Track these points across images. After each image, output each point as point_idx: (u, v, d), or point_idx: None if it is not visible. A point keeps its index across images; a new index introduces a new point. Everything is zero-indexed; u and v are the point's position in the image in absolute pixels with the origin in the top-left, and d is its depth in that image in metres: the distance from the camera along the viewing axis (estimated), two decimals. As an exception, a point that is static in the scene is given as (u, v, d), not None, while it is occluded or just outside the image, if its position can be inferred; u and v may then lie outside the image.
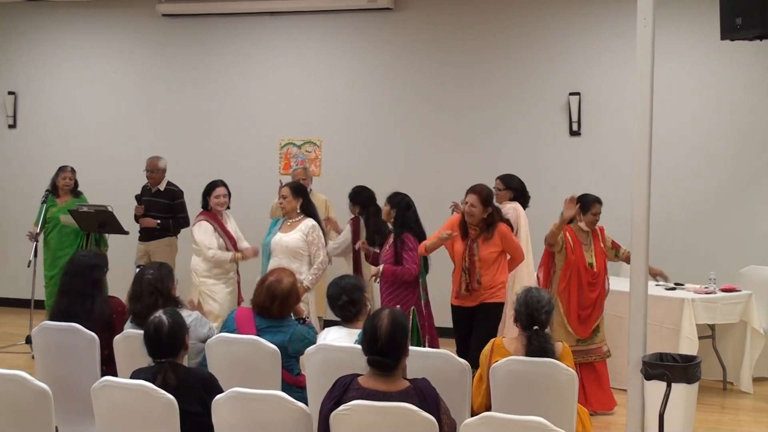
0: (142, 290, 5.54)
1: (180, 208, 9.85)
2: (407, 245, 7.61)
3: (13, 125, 12.29)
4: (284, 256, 7.69)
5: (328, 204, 9.61)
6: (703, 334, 8.13)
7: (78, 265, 6.00)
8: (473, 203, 7.20)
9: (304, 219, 7.83)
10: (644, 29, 5.82)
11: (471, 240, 7.26)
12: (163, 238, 9.78)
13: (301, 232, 7.73)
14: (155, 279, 5.55)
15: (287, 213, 7.88)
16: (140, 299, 5.52)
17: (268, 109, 11.34)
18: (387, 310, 4.23)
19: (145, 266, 5.86)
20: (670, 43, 9.45)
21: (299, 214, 7.86)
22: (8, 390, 4.40)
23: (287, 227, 7.83)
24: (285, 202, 7.85)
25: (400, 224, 7.74)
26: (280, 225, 7.91)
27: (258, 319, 5.55)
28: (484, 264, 7.19)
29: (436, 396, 4.10)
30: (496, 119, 10.56)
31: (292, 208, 7.83)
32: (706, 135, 9.93)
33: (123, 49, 11.93)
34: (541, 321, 5.24)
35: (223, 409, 4.23)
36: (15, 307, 11.63)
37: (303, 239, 7.71)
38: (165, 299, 5.47)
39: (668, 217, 9.47)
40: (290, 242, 7.70)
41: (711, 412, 7.70)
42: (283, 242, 7.72)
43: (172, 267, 5.80)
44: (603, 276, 7.76)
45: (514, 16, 10.53)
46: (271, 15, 11.28)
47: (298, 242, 7.69)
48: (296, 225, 7.79)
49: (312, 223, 7.79)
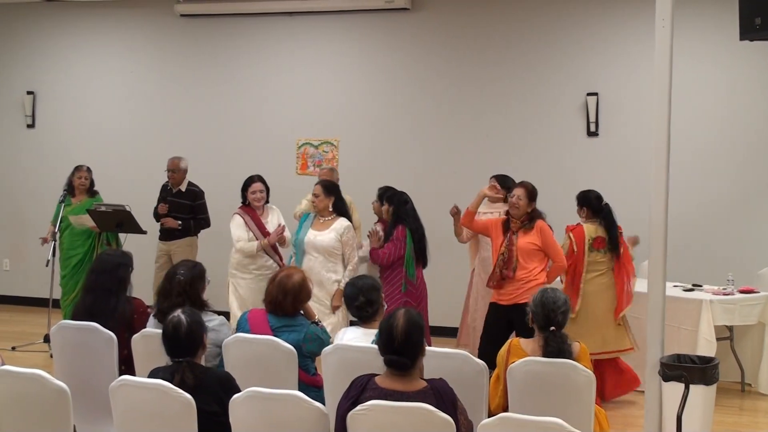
0: (171, 288, 5.55)
1: (201, 209, 9.89)
2: (393, 236, 7.95)
3: (32, 125, 12.34)
4: (319, 254, 7.70)
5: (352, 205, 9.60)
6: (721, 336, 8.09)
7: (105, 263, 6.02)
8: (520, 196, 7.41)
9: (338, 218, 7.82)
10: (662, 30, 5.79)
11: (511, 232, 7.44)
12: (185, 237, 9.83)
13: (335, 232, 7.72)
14: (186, 281, 5.55)
15: (319, 211, 7.86)
16: (168, 297, 5.52)
17: (286, 110, 11.36)
18: (403, 310, 4.23)
19: (178, 264, 5.82)
20: (689, 43, 9.41)
21: (331, 213, 7.85)
22: (27, 389, 4.43)
23: (320, 225, 7.82)
24: (317, 200, 7.83)
25: (395, 219, 8.05)
26: (311, 222, 7.90)
27: (272, 318, 5.57)
28: (522, 253, 7.34)
29: (453, 396, 4.09)
30: (513, 120, 10.54)
31: (324, 206, 7.81)
32: (724, 135, 9.89)
33: (141, 50, 11.97)
34: (558, 321, 5.23)
35: (241, 408, 4.24)
36: (33, 306, 11.70)
37: (337, 239, 7.71)
38: (192, 302, 5.43)
39: (686, 217, 9.44)
40: (325, 242, 7.69)
41: (729, 414, 7.67)
42: (318, 241, 7.71)
43: (204, 269, 5.76)
44: None
45: (532, 17, 10.50)
46: (289, 15, 11.29)
47: (332, 242, 7.69)
48: (329, 224, 7.78)
49: (347, 224, 7.79)
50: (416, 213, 8.21)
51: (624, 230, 7.99)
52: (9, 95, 12.41)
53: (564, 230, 8.00)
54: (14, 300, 12.23)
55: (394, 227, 8.04)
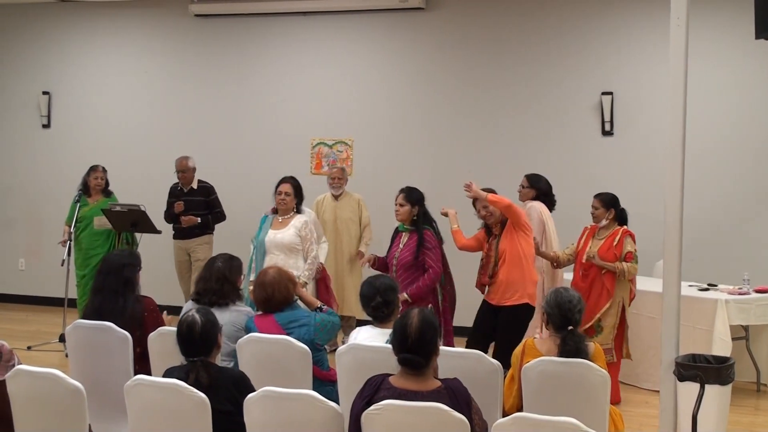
0: (210, 274, 5.88)
1: (216, 203, 10.05)
2: (427, 244, 7.51)
3: (48, 125, 12.39)
4: (280, 252, 7.84)
5: (361, 203, 9.64)
6: (737, 336, 8.07)
7: (111, 264, 6.06)
8: (487, 207, 7.38)
9: (296, 215, 8.03)
10: (677, 28, 5.78)
11: (493, 237, 7.45)
12: (203, 235, 9.93)
13: (294, 228, 7.92)
14: (224, 267, 5.90)
15: (284, 212, 8.04)
16: (207, 281, 5.87)
17: (300, 109, 11.37)
18: (417, 309, 4.23)
19: (218, 255, 6.17)
20: (704, 42, 9.37)
21: (293, 212, 8.04)
22: (43, 388, 4.45)
23: (279, 224, 8.00)
24: (288, 199, 8.02)
25: (422, 222, 7.62)
26: (270, 222, 8.03)
27: (277, 316, 5.63)
28: (501, 255, 7.31)
29: (467, 396, 4.09)
30: (528, 119, 10.53)
31: (291, 207, 8.04)
32: (740, 135, 9.84)
33: (156, 49, 12.01)
34: (575, 320, 5.22)
35: (255, 408, 4.24)
36: (49, 305, 11.76)
37: (296, 234, 7.89)
38: (232, 286, 5.88)
39: (701, 217, 9.40)
40: (285, 239, 7.88)
41: (745, 414, 7.64)
42: (278, 239, 7.89)
43: (241, 262, 6.19)
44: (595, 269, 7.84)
45: (546, 16, 10.48)
46: (303, 15, 11.30)
47: (292, 238, 7.87)
48: (288, 222, 7.98)
49: (304, 219, 8.00)
50: None
51: (638, 230, 8.00)
52: (24, 95, 12.47)
53: (585, 231, 8.08)
54: (30, 300, 12.29)
55: (422, 232, 7.57)
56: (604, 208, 7.97)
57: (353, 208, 9.57)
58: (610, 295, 7.76)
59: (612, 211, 7.93)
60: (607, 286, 7.77)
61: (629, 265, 7.70)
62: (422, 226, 7.59)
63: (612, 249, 7.78)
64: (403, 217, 7.67)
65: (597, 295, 7.79)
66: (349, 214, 9.53)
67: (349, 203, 9.60)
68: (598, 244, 7.90)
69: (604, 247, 7.84)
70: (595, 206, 8.02)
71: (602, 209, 7.98)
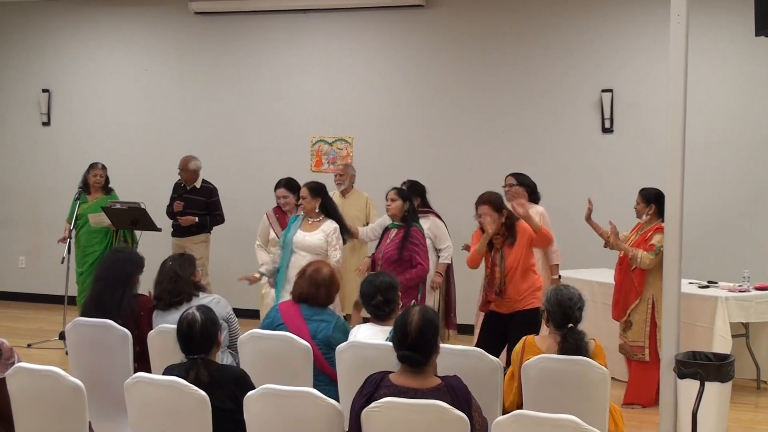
0: (163, 276, 5.90)
1: (216, 206, 10.01)
2: (413, 240, 7.63)
3: (47, 123, 12.39)
4: (307, 253, 7.78)
5: (369, 202, 9.63)
6: (737, 333, 8.06)
7: (116, 256, 6.24)
8: (487, 213, 7.02)
9: (326, 220, 7.87)
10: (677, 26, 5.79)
11: (495, 250, 7.12)
12: (199, 234, 9.91)
13: (323, 233, 7.79)
14: (174, 266, 5.91)
15: (307, 213, 7.92)
16: (160, 284, 5.89)
17: (300, 107, 11.37)
18: (417, 307, 4.23)
19: (166, 258, 6.13)
20: (703, 39, 9.37)
21: (319, 214, 7.90)
22: (43, 385, 4.45)
23: (309, 226, 7.88)
24: (305, 202, 7.89)
25: (411, 218, 7.78)
26: (300, 223, 7.98)
27: (304, 307, 5.59)
28: (509, 272, 7.00)
29: (467, 393, 4.09)
30: (528, 116, 10.52)
31: (311, 208, 7.87)
32: (740, 131, 9.83)
33: (155, 47, 12.01)
34: (576, 318, 5.21)
35: (255, 405, 4.24)
36: (48, 303, 11.76)
37: (324, 240, 7.79)
38: (185, 282, 5.88)
39: (701, 214, 9.39)
40: (314, 242, 7.77)
41: (744, 411, 7.64)
42: (307, 241, 7.79)
43: (193, 257, 6.21)
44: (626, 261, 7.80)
45: (546, 14, 10.47)
46: (303, 12, 11.30)
47: (320, 242, 7.76)
48: (318, 225, 7.84)
49: (334, 226, 7.85)
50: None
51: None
52: (24, 93, 12.47)
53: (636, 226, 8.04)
54: (30, 297, 12.28)
55: (410, 228, 7.73)
56: (645, 203, 7.86)
57: (360, 207, 9.55)
58: (639, 292, 7.72)
59: (653, 206, 7.81)
60: (635, 282, 7.74)
61: (644, 253, 7.54)
62: (411, 222, 7.74)
63: (644, 244, 7.70)
64: (394, 211, 7.80)
65: (627, 291, 7.78)
66: (356, 212, 9.48)
67: (356, 201, 9.58)
68: (637, 238, 7.85)
69: (638, 240, 7.78)
70: (637, 201, 7.92)
71: (642, 204, 7.88)
